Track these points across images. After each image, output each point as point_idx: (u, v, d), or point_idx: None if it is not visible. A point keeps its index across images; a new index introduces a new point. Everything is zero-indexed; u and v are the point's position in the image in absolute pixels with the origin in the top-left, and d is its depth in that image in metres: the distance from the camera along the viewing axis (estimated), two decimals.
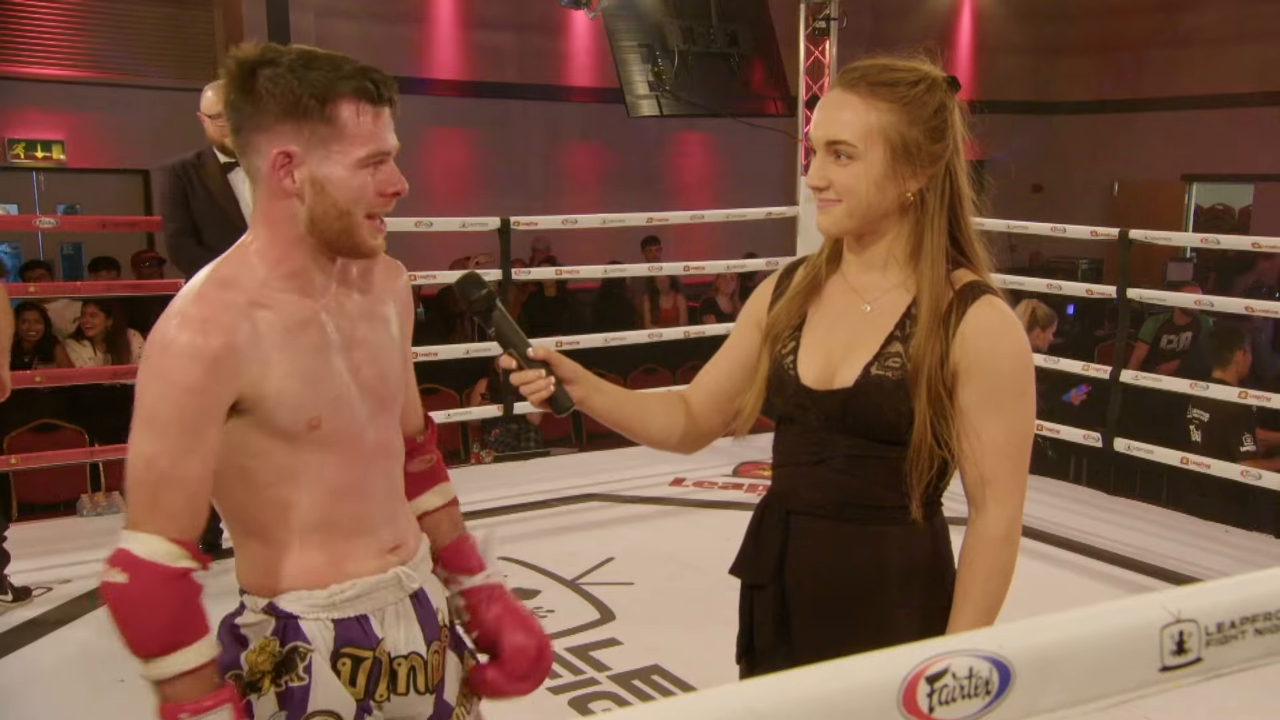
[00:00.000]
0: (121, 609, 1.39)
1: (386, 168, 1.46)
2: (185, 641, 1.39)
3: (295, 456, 1.47)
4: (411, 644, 1.59)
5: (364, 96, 1.42)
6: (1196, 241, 6.66)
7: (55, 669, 3.31)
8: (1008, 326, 1.51)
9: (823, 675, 0.71)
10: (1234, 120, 11.68)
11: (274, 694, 1.50)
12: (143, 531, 1.39)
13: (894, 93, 1.50)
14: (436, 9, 10.53)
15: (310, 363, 1.46)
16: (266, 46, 1.45)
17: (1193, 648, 0.78)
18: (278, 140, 1.42)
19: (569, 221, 5.95)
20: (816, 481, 1.56)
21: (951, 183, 1.54)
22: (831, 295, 1.60)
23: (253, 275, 1.45)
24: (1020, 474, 1.52)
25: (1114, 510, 4.85)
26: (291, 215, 1.45)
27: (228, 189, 3.91)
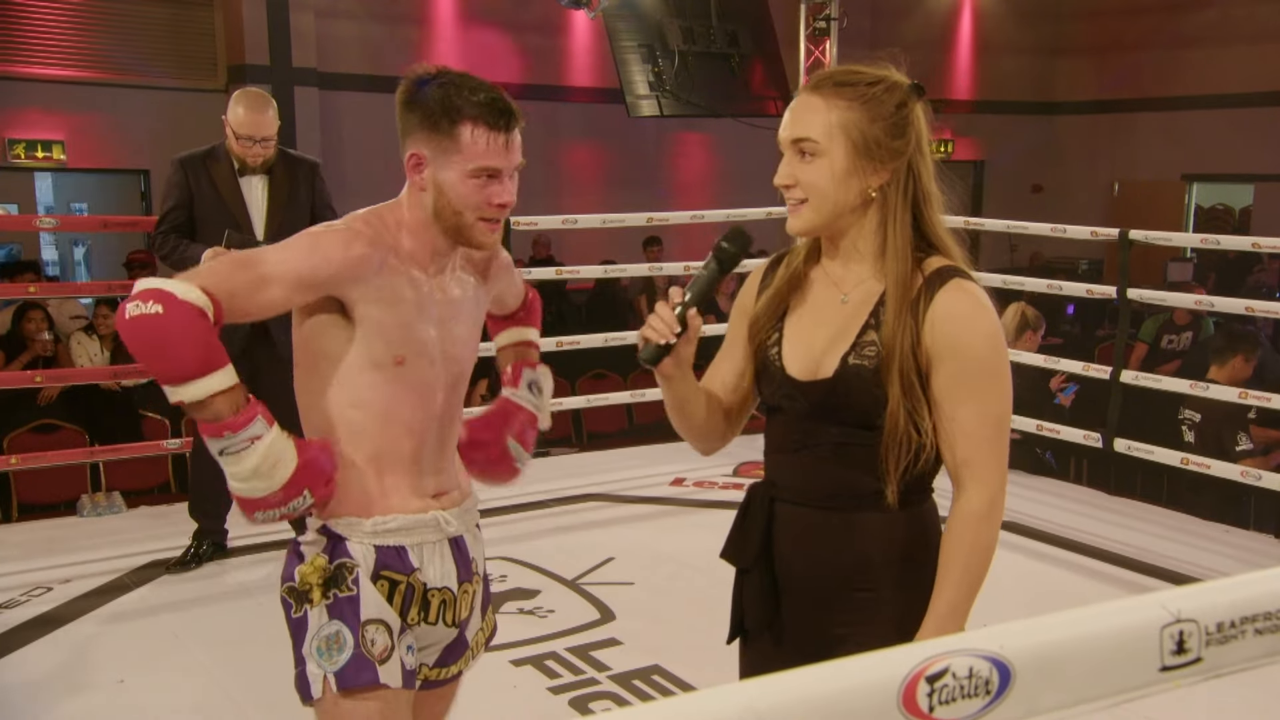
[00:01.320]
0: (157, 336, 1.53)
1: (497, 182, 1.73)
2: (217, 364, 1.55)
3: (377, 387, 1.72)
4: (445, 579, 1.82)
5: (484, 122, 1.70)
6: (1197, 242, 6.66)
7: (55, 669, 3.31)
8: (976, 309, 1.54)
9: (822, 675, 0.71)
10: (1234, 120, 11.69)
11: (324, 606, 1.72)
12: (186, 281, 1.55)
13: (854, 91, 1.56)
14: (436, 9, 10.54)
15: (408, 313, 1.73)
16: (436, 67, 1.74)
17: (1193, 648, 0.78)
18: (415, 144, 1.73)
19: (569, 221, 5.95)
20: (801, 469, 1.62)
21: (915, 180, 1.58)
22: (812, 287, 1.66)
23: (399, 224, 1.76)
24: (999, 454, 1.55)
25: (1114, 510, 4.85)
26: (423, 204, 1.74)
27: (237, 191, 3.86)
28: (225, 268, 1.62)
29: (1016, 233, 5.25)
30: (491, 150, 1.71)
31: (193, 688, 3.18)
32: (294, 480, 1.64)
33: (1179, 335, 7.57)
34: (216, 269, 1.62)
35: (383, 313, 1.70)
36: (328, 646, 1.71)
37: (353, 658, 1.70)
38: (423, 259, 1.76)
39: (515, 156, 1.75)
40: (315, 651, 1.71)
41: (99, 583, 3.89)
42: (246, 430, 1.58)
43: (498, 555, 4.13)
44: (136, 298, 1.53)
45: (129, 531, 4.43)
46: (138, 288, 1.54)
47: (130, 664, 3.31)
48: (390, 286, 1.70)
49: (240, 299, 1.60)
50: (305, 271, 1.64)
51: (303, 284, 1.65)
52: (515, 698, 3.11)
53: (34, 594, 3.80)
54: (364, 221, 1.73)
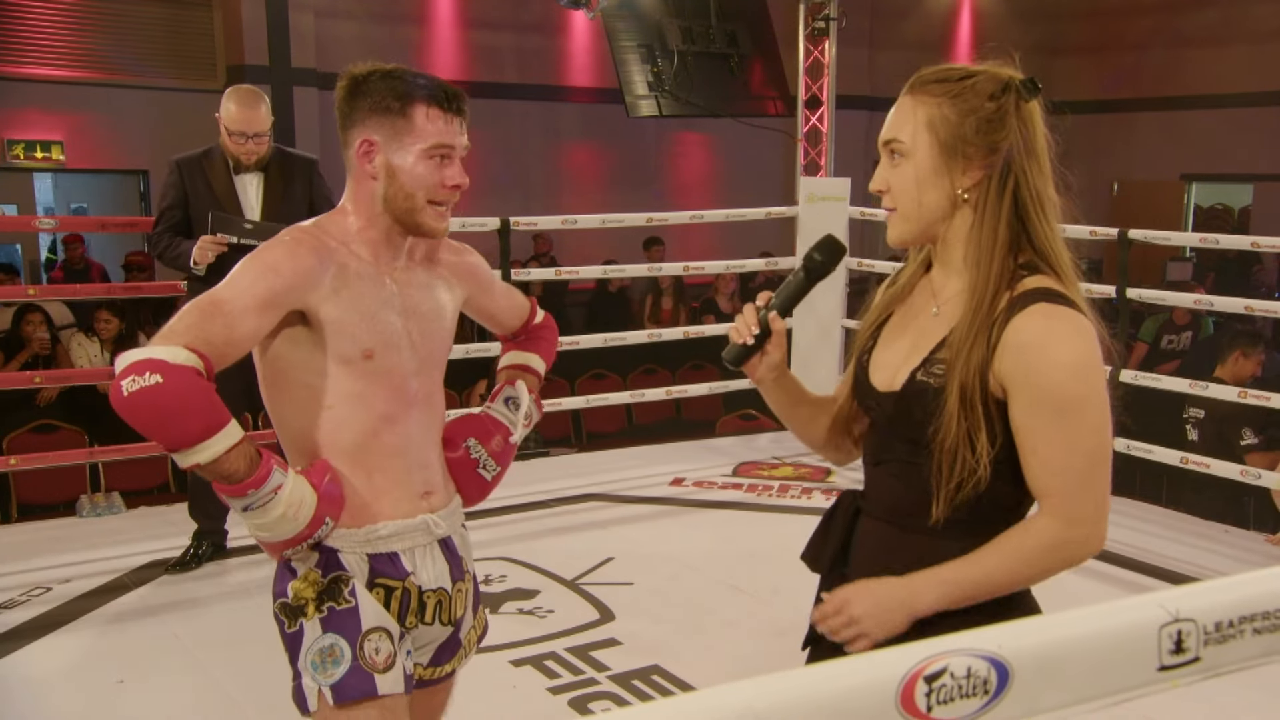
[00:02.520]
0: (161, 406, 1.52)
1: (450, 163, 1.76)
2: (223, 421, 1.56)
3: (351, 382, 1.74)
4: (439, 580, 1.84)
5: (436, 102, 1.74)
6: (1196, 241, 6.66)
7: (54, 670, 3.31)
8: (1052, 337, 1.41)
9: (821, 675, 0.71)
10: (1233, 120, 11.68)
11: (318, 619, 1.73)
12: (167, 345, 1.55)
13: (943, 87, 1.47)
14: (436, 9, 10.53)
15: (370, 306, 1.74)
16: (374, 64, 1.76)
17: (1191, 647, 0.79)
18: (365, 131, 1.74)
19: (569, 222, 5.95)
20: (878, 483, 1.56)
21: (1018, 180, 1.47)
22: (915, 297, 1.59)
23: (344, 231, 1.77)
24: (1084, 490, 1.42)
25: (1113, 510, 4.80)
26: (371, 195, 1.76)
27: (232, 190, 3.87)
28: (196, 319, 1.60)
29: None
30: (445, 129, 1.74)
31: (192, 688, 3.18)
32: (317, 514, 1.67)
33: (1179, 335, 7.57)
34: (189, 324, 1.60)
35: (344, 312, 1.71)
36: (322, 660, 1.71)
37: (350, 670, 1.71)
38: (377, 254, 1.78)
39: (464, 140, 1.78)
40: (310, 665, 1.72)
41: (98, 583, 3.89)
42: (269, 483, 1.61)
43: (497, 555, 4.13)
44: (129, 373, 1.51)
45: (128, 532, 4.43)
46: (125, 362, 1.53)
47: (130, 664, 3.31)
48: (346, 286, 1.72)
49: (220, 345, 1.60)
50: (263, 292, 1.64)
51: (267, 306, 1.65)
52: (514, 698, 3.10)
53: (33, 594, 3.80)
54: (305, 231, 1.75)
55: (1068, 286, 1.46)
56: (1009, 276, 1.45)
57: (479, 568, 3.95)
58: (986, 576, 1.44)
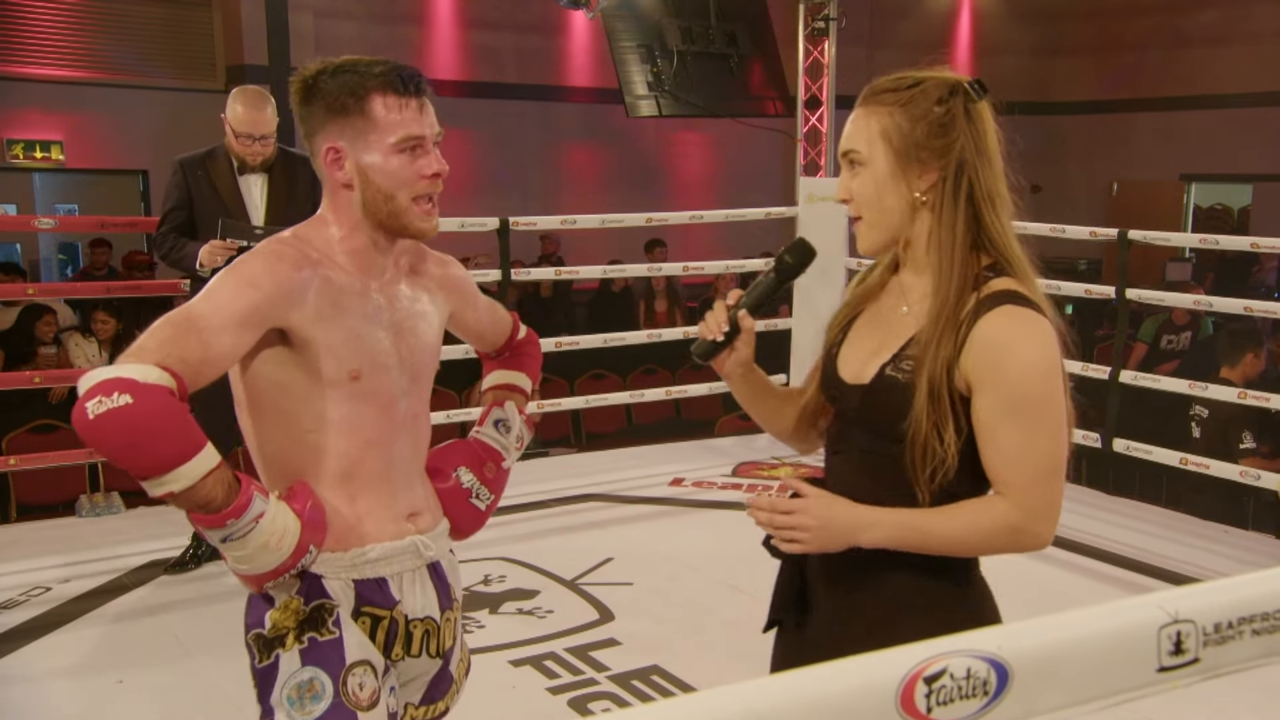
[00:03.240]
0: (130, 429, 1.37)
1: (423, 152, 1.63)
2: (199, 443, 1.43)
3: (336, 405, 1.62)
4: (427, 609, 1.73)
5: (392, 90, 1.60)
6: (1195, 242, 6.67)
7: (53, 670, 3.31)
8: (1018, 338, 1.47)
9: (821, 676, 0.71)
10: (1233, 120, 11.69)
11: (297, 650, 1.60)
12: (139, 363, 1.42)
13: (893, 96, 1.54)
14: (435, 9, 10.54)
15: (356, 324, 1.63)
16: (321, 61, 1.65)
17: (1190, 648, 0.79)
18: (328, 138, 1.62)
19: (568, 222, 5.95)
20: (836, 472, 1.62)
21: (971, 180, 1.52)
22: (885, 295, 1.65)
23: (325, 242, 1.65)
24: (1041, 484, 1.47)
25: (1113, 510, 4.85)
26: (349, 202, 1.64)
27: (236, 190, 3.87)
28: (170, 335, 1.46)
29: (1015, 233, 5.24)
30: (408, 117, 1.61)
31: (191, 688, 3.18)
32: (301, 542, 1.55)
33: (1178, 335, 7.58)
34: (162, 340, 1.45)
35: (328, 331, 1.59)
36: (299, 695, 1.59)
37: (331, 707, 1.58)
38: (361, 266, 1.65)
39: (432, 124, 1.64)
40: (285, 700, 1.59)
41: (98, 583, 3.89)
42: (249, 511, 1.48)
43: (496, 555, 4.13)
44: (95, 393, 1.36)
45: (128, 532, 4.43)
46: (90, 382, 1.38)
47: (129, 665, 3.31)
48: (330, 301, 1.60)
49: (195, 364, 1.46)
50: (242, 308, 1.51)
51: (245, 322, 1.52)
52: (514, 698, 3.11)
53: (33, 594, 3.80)
54: (284, 243, 1.62)
55: (1028, 286, 1.53)
56: (975, 278, 1.51)
57: (478, 568, 3.98)
58: (938, 533, 1.49)
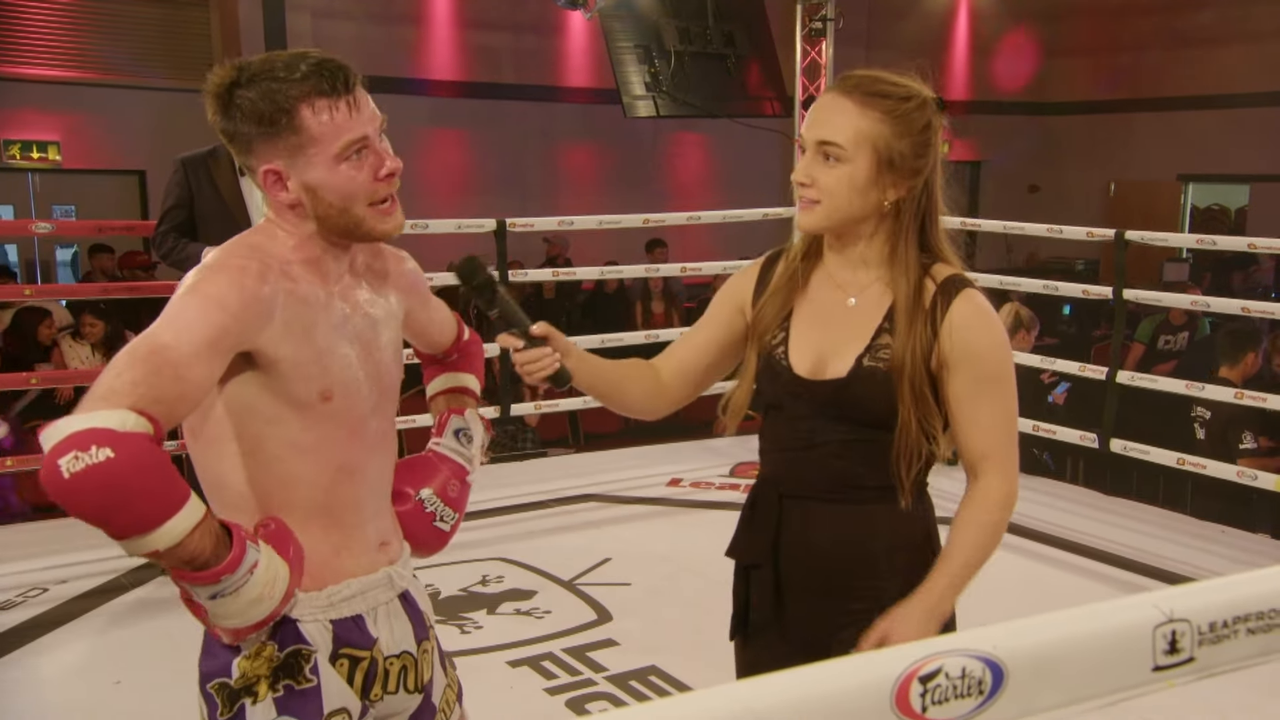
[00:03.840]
0: (114, 488, 1.21)
1: (370, 152, 1.48)
2: (184, 495, 1.28)
3: (306, 430, 1.49)
4: (403, 643, 1.63)
5: (320, 93, 1.44)
6: (1193, 242, 6.67)
7: (51, 671, 3.31)
8: (988, 317, 1.61)
9: (816, 675, 0.72)
10: (1230, 121, 11.70)
11: (271, 700, 1.48)
12: (111, 409, 1.25)
13: (886, 104, 1.58)
14: (433, 10, 10.53)
15: (324, 338, 1.50)
16: (231, 66, 1.46)
17: (1185, 647, 0.79)
18: (262, 159, 1.47)
19: (565, 223, 5.95)
20: (808, 465, 1.65)
21: (928, 196, 1.62)
22: (816, 289, 1.69)
23: (280, 250, 1.50)
24: (1013, 447, 1.63)
25: (1110, 510, 4.86)
26: (300, 218, 1.50)
27: (238, 190, 3.86)
28: (141, 374, 1.30)
29: (1013, 233, 5.26)
30: (343, 121, 1.44)
31: (189, 689, 3.17)
32: (289, 588, 1.43)
33: (1175, 335, 7.59)
34: (134, 380, 1.29)
35: (297, 349, 1.45)
36: None
37: None
38: (318, 274, 1.51)
39: (372, 116, 1.48)
40: None
41: (95, 584, 3.89)
42: (245, 563, 1.34)
43: (494, 556, 4.13)
44: (69, 447, 1.19)
45: None
46: (60, 434, 1.21)
47: (127, 665, 3.31)
48: (298, 318, 1.46)
49: (172, 402, 1.31)
50: (213, 333, 1.36)
51: (216, 348, 1.37)
52: (512, 699, 3.11)
53: (30, 595, 3.80)
54: (243, 255, 1.46)
55: (962, 271, 1.66)
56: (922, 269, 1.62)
57: (476, 569, 3.98)
58: (975, 556, 1.59)
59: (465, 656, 3.24)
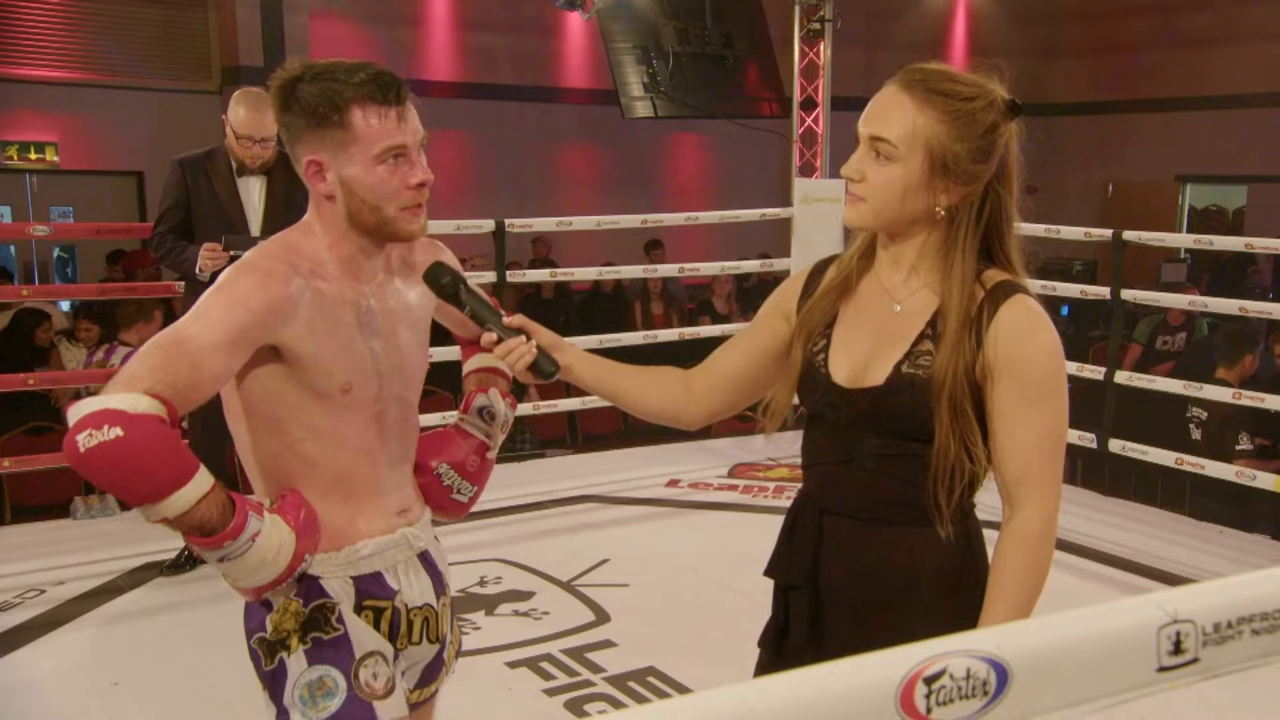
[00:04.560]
0: (125, 461, 1.38)
1: (406, 161, 1.60)
2: (192, 469, 1.43)
3: (326, 416, 1.62)
4: (424, 596, 1.76)
5: (373, 100, 1.57)
6: (1190, 243, 6.68)
7: (48, 672, 3.30)
8: (1039, 325, 1.50)
9: (821, 676, 0.71)
10: (1227, 121, 11.71)
11: (302, 651, 1.62)
12: (127, 392, 1.41)
13: (947, 104, 1.48)
14: (431, 11, 10.53)
15: (347, 336, 1.62)
16: (299, 63, 1.61)
17: (1189, 648, 0.78)
18: (309, 149, 1.60)
19: (564, 224, 5.95)
20: (846, 481, 1.55)
21: (994, 205, 1.52)
22: (863, 294, 1.59)
23: (314, 250, 1.63)
24: (1055, 471, 1.51)
25: (1109, 511, 4.86)
26: (334, 213, 1.62)
27: (235, 192, 3.85)
28: (160, 361, 1.45)
29: None
30: (388, 128, 1.57)
31: (187, 690, 3.17)
32: (297, 554, 1.56)
33: (1173, 336, 7.59)
34: (152, 367, 1.44)
35: (320, 345, 1.58)
36: (311, 694, 1.61)
37: (346, 701, 1.60)
38: (351, 272, 1.64)
39: (415, 130, 1.61)
40: (299, 700, 1.61)
41: (92, 585, 3.88)
42: (246, 531, 1.49)
43: (493, 557, 4.13)
44: (85, 426, 1.37)
45: (122, 534, 4.41)
46: (79, 414, 1.38)
47: (124, 667, 3.30)
48: (323, 316, 1.58)
49: (185, 389, 1.45)
50: (233, 329, 1.50)
51: (236, 343, 1.51)
52: (510, 700, 3.10)
53: (27, 596, 3.79)
54: (273, 256, 1.59)
55: (1021, 278, 1.55)
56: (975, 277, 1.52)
57: (474, 569, 3.97)
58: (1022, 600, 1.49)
59: (463, 658, 3.23)
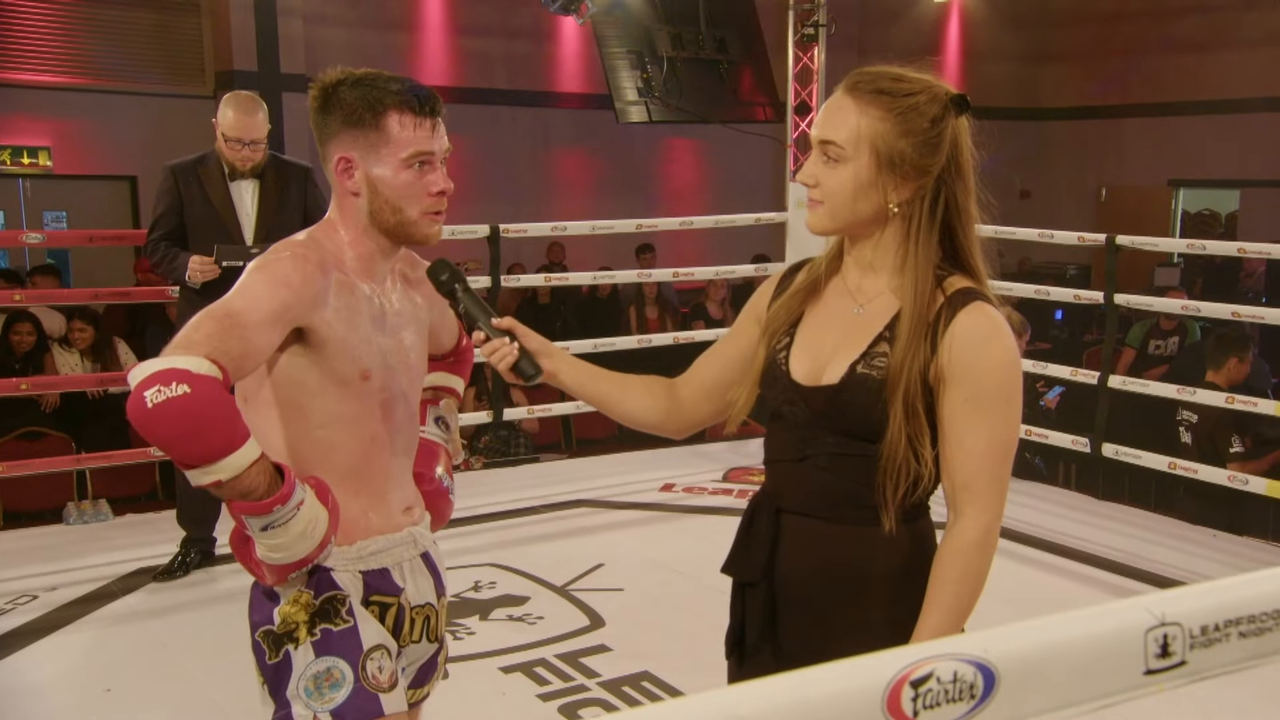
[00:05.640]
0: (191, 418, 1.42)
1: (431, 169, 1.69)
2: (245, 434, 1.48)
3: (345, 403, 1.69)
4: (425, 595, 1.82)
5: (408, 108, 1.67)
6: (1183, 247, 6.69)
7: (41, 678, 3.29)
8: (995, 333, 1.51)
9: (807, 680, 0.71)
10: (1221, 126, 11.74)
11: (310, 643, 1.64)
12: (190, 354, 1.46)
13: (890, 101, 1.51)
14: (426, 15, 10.53)
15: (366, 326, 1.70)
16: (341, 70, 1.70)
17: (1177, 651, 0.79)
18: (341, 147, 1.68)
19: (559, 229, 5.95)
20: (802, 479, 1.58)
21: (947, 199, 1.54)
22: (829, 296, 1.63)
23: (336, 245, 1.71)
24: (1000, 481, 1.51)
25: (1103, 515, 4.86)
26: (357, 210, 1.70)
27: (227, 197, 3.84)
28: (214, 330, 1.51)
29: (1004, 238, 5.27)
30: (421, 135, 1.67)
31: (180, 696, 3.16)
32: (328, 532, 1.59)
33: (1165, 341, 7.61)
34: (208, 335, 1.50)
35: (345, 331, 1.66)
36: (317, 685, 1.63)
37: (352, 692, 1.63)
38: (367, 270, 1.73)
39: (443, 142, 1.72)
40: (304, 692, 1.63)
41: (86, 591, 3.88)
42: (294, 498, 1.52)
43: (487, 561, 4.12)
44: (153, 382, 1.41)
45: (116, 539, 4.41)
46: (145, 372, 1.43)
47: (117, 672, 3.30)
48: (347, 304, 1.67)
49: (237, 358, 1.51)
50: (278, 306, 1.57)
51: (278, 319, 1.58)
52: (504, 705, 3.10)
53: (20, 602, 3.78)
54: (306, 245, 1.67)
55: (983, 286, 1.56)
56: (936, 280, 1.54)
57: (469, 574, 3.97)
58: (950, 615, 1.50)
59: (458, 663, 3.23)
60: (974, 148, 1.58)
